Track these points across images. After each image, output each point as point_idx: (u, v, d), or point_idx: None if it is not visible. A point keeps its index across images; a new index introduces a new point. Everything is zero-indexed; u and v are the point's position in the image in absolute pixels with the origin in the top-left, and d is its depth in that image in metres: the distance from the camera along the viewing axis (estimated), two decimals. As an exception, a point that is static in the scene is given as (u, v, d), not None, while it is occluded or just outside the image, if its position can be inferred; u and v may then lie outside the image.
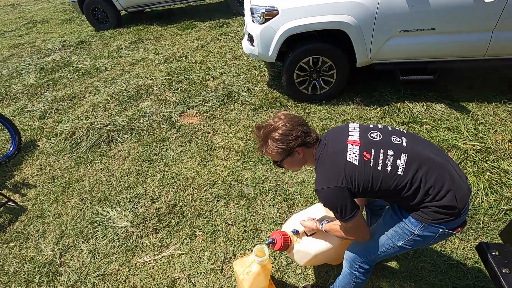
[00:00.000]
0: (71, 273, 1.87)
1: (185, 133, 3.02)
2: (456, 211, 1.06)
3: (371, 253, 1.26)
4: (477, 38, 2.65)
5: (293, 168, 1.29)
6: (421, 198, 1.06)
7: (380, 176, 1.07)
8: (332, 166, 1.12)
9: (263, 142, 1.20)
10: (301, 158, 1.21)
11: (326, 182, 1.10)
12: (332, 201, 1.11)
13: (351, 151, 1.12)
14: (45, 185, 2.57)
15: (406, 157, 1.08)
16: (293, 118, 1.19)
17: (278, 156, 1.20)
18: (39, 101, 3.84)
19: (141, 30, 6.01)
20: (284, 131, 1.14)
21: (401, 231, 1.16)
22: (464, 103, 2.95)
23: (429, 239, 1.13)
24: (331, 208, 1.14)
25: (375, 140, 1.14)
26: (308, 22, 2.71)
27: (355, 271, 1.32)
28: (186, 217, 2.16)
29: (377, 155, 1.09)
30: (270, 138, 1.16)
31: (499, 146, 2.43)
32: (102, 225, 2.16)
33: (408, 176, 1.06)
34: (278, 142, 1.15)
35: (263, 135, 1.19)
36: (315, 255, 1.41)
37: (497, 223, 1.92)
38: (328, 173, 1.11)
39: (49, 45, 5.69)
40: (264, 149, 1.21)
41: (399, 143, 1.13)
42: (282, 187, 2.30)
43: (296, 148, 1.17)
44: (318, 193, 1.13)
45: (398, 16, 2.61)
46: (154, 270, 1.85)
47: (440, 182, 1.05)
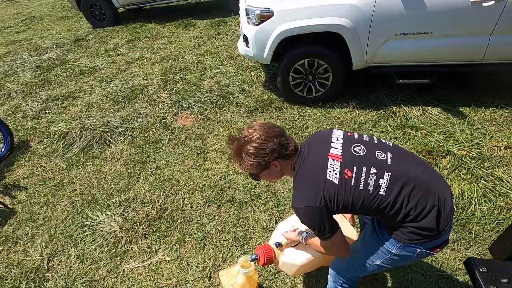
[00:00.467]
0: (58, 278, 1.86)
1: (178, 135, 2.99)
2: (435, 233, 1.03)
3: (352, 270, 1.25)
4: (474, 42, 2.61)
5: (271, 179, 1.24)
6: (401, 218, 1.03)
7: (361, 195, 1.03)
8: (311, 184, 1.06)
9: (236, 156, 1.13)
10: (279, 171, 1.15)
11: (305, 201, 1.05)
12: (309, 220, 1.06)
13: (331, 167, 1.05)
14: (36, 187, 2.55)
15: (389, 176, 1.03)
16: (269, 129, 1.11)
17: (253, 170, 1.14)
18: (34, 100, 3.81)
19: (138, 28, 5.97)
20: (259, 144, 1.07)
21: (379, 249, 1.14)
22: (461, 107, 2.92)
23: (407, 259, 1.11)
24: (309, 226, 1.10)
25: (358, 155, 1.08)
26: (303, 24, 2.68)
27: (339, 286, 1.30)
28: (176, 222, 2.14)
29: (359, 173, 1.04)
30: (244, 152, 1.09)
31: (495, 152, 2.40)
32: (92, 229, 2.14)
33: (391, 196, 1.01)
34: (253, 156, 1.08)
35: (236, 148, 1.11)
36: (301, 265, 1.39)
37: (489, 232, 1.89)
38: (306, 191, 1.06)
39: (46, 42, 5.65)
40: (238, 162, 1.14)
41: (383, 160, 1.07)
42: (274, 192, 2.28)
43: (273, 162, 1.10)
44: (296, 210, 1.09)
45: (394, 19, 2.57)
46: (141, 277, 1.84)
47: (422, 203, 1.01)
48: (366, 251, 1.20)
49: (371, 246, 1.18)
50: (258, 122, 1.14)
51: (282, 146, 1.10)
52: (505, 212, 1.98)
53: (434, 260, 1.78)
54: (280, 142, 1.09)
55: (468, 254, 1.78)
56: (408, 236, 1.04)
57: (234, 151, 1.13)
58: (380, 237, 1.13)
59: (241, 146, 1.10)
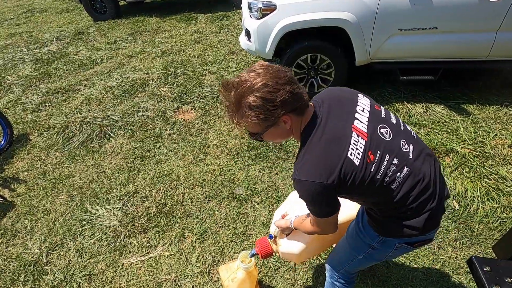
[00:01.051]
0: (57, 272, 1.85)
1: (178, 129, 2.97)
2: (418, 233, 0.98)
3: (342, 265, 1.24)
4: (480, 39, 2.57)
5: (275, 140, 1.01)
6: (396, 214, 0.98)
7: (374, 184, 0.90)
8: (327, 157, 0.87)
9: (234, 109, 0.87)
10: (288, 129, 0.91)
11: (313, 175, 0.87)
12: (311, 196, 0.90)
13: (354, 144, 0.87)
14: (35, 180, 2.54)
15: (407, 172, 0.93)
16: (277, 73, 0.85)
17: (256, 128, 0.89)
18: (34, 93, 3.78)
19: (139, 21, 5.91)
20: (266, 93, 0.82)
21: (360, 243, 1.12)
22: (465, 105, 2.88)
23: (386, 252, 1.10)
24: (308, 202, 0.94)
25: (384, 140, 0.92)
26: (306, 19, 2.63)
27: (336, 281, 1.30)
28: (175, 217, 2.13)
29: (382, 160, 0.89)
30: (245, 105, 0.83)
31: (498, 151, 2.37)
32: (91, 223, 2.13)
33: (400, 193, 0.93)
34: (257, 110, 0.83)
35: (235, 99, 0.84)
36: (299, 254, 1.33)
37: (492, 231, 1.87)
38: (318, 164, 0.87)
39: (46, 35, 5.61)
40: (236, 118, 0.88)
41: (406, 152, 0.95)
42: (275, 188, 2.26)
43: (283, 117, 0.87)
44: (297, 183, 0.90)
45: (399, 14, 2.52)
46: (140, 271, 1.83)
47: (423, 205, 0.96)
48: (349, 245, 1.19)
49: (354, 240, 1.16)
50: (262, 64, 0.88)
51: (295, 96, 0.86)
52: (508, 211, 1.96)
53: (435, 259, 1.76)
54: (292, 91, 0.85)
55: (470, 253, 1.76)
56: (391, 230, 1.02)
57: (231, 103, 0.86)
58: (362, 230, 1.11)
59: (241, 97, 0.83)
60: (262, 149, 2.62)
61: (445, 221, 1.94)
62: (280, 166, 2.44)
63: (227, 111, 0.90)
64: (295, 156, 2.51)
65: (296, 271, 1.75)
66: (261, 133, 0.92)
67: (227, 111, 0.90)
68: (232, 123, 0.92)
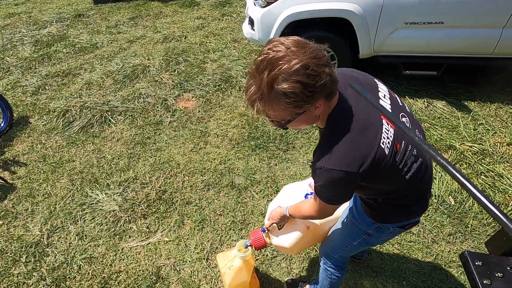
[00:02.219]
0: (58, 254, 1.88)
1: (179, 117, 2.96)
2: (412, 217, 1.05)
3: (336, 251, 1.27)
4: (486, 35, 2.54)
5: (298, 127, 0.90)
6: (397, 202, 1.00)
7: (395, 173, 0.88)
8: (359, 146, 0.81)
9: (263, 94, 0.73)
10: (316, 115, 0.82)
11: (344, 164, 0.79)
12: (335, 185, 0.84)
13: (386, 133, 0.83)
14: (35, 163, 2.55)
15: (420, 163, 0.93)
16: (316, 52, 0.72)
17: (285, 115, 0.78)
18: (33, 76, 3.75)
19: (141, 5, 5.79)
20: (306, 78, 0.69)
21: (356, 230, 1.15)
22: (466, 101, 2.88)
23: (380, 237, 1.14)
24: (326, 188, 0.87)
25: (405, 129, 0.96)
26: (311, 9, 2.60)
27: (329, 267, 1.35)
28: (175, 204, 2.15)
29: (405, 150, 0.87)
30: (279, 90, 0.70)
31: (497, 148, 2.39)
32: (91, 207, 2.15)
33: (410, 182, 0.92)
34: (294, 97, 0.71)
35: (268, 81, 0.71)
36: (291, 247, 1.35)
37: (485, 227, 1.91)
38: (350, 154, 0.81)
39: (46, 16, 5.51)
40: (263, 104, 0.75)
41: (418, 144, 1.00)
42: (274, 179, 2.28)
43: (318, 102, 0.76)
44: (324, 171, 0.81)
45: (405, 7, 2.49)
46: (140, 255, 1.86)
47: (425, 193, 1.02)
48: (344, 232, 1.22)
49: (349, 227, 1.19)
50: (297, 40, 0.74)
51: (333, 80, 0.75)
52: (502, 208, 1.99)
53: (429, 252, 1.81)
54: (331, 74, 0.74)
55: (463, 248, 1.81)
56: (389, 217, 1.05)
57: (262, 87, 0.72)
58: (357, 218, 1.13)
59: (274, 80, 0.70)
60: (262, 139, 2.63)
61: (440, 216, 1.98)
62: (280, 157, 2.46)
63: (252, 97, 0.75)
64: (295, 147, 2.53)
65: (292, 260, 1.79)
66: (289, 121, 0.80)
67: (252, 97, 0.75)
68: (256, 111, 0.77)
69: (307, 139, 2.61)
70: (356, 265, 1.75)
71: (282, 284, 1.69)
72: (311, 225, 1.28)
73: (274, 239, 1.35)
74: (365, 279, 1.69)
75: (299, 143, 2.58)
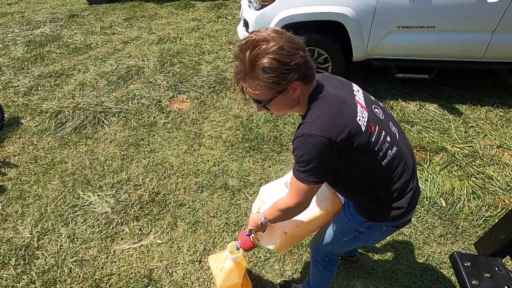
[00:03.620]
0: (48, 257, 1.86)
1: (173, 119, 2.95)
2: (404, 213, 1.05)
3: (325, 246, 1.28)
4: (476, 39, 2.59)
5: (281, 111, 0.98)
6: (382, 195, 1.02)
7: (372, 155, 0.93)
8: (338, 116, 0.87)
9: (246, 72, 0.86)
10: (295, 98, 0.92)
11: (324, 131, 0.85)
12: (314, 153, 0.86)
13: (361, 113, 0.90)
14: (26, 165, 2.52)
15: (395, 151, 0.98)
16: (291, 38, 0.85)
17: (266, 93, 0.88)
18: (25, 76, 3.71)
19: (136, 6, 5.78)
20: (282, 56, 0.81)
21: (347, 227, 1.16)
22: (457, 104, 2.93)
23: (373, 236, 1.15)
24: (305, 161, 0.88)
25: (378, 117, 0.98)
26: (305, 12, 2.62)
27: (318, 262, 1.36)
28: (168, 206, 2.14)
29: (380, 134, 0.94)
30: (258, 67, 0.83)
31: (487, 151, 2.43)
32: (83, 209, 2.13)
33: (388, 170, 0.98)
34: (270, 73, 0.82)
35: (250, 59, 0.83)
36: (276, 247, 1.32)
37: (476, 229, 1.93)
38: (330, 121, 0.86)
39: (39, 16, 5.46)
40: (246, 81, 0.87)
41: (394, 133, 1.02)
42: (268, 180, 2.28)
43: (294, 83, 0.87)
44: (305, 138, 0.86)
45: (398, 12, 2.52)
46: (132, 258, 1.85)
47: (406, 185, 1.02)
48: (335, 228, 1.22)
49: (340, 224, 1.20)
50: (275, 29, 0.87)
51: (307, 64, 0.87)
52: (492, 210, 2.02)
53: (420, 253, 1.82)
54: (305, 57, 0.86)
55: (454, 249, 1.83)
56: (379, 215, 1.06)
57: (245, 65, 0.85)
58: (349, 216, 1.14)
59: (255, 58, 0.83)
60: (256, 141, 2.63)
61: (431, 217, 2.00)
62: (273, 159, 2.47)
63: (237, 77, 0.89)
64: (288, 149, 2.54)
65: (285, 261, 1.80)
66: (270, 100, 0.90)
67: (237, 77, 0.89)
68: (241, 91, 0.90)
69: (301, 141, 2.62)
70: (349, 266, 1.76)
71: (275, 286, 1.69)
72: (288, 231, 1.24)
73: (260, 241, 1.35)
74: (357, 280, 1.70)
75: (293, 145, 2.58)
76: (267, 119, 2.87)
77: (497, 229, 1.32)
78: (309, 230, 1.29)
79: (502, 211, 1.98)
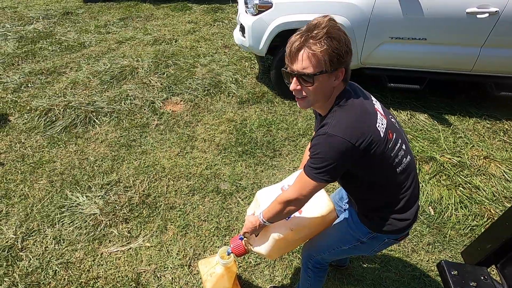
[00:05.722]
0: (32, 258, 1.81)
1: (166, 120, 2.93)
2: (408, 225, 1.07)
3: (321, 252, 1.28)
4: (465, 53, 2.67)
5: (316, 96, 0.97)
6: (388, 205, 1.04)
7: (387, 161, 0.97)
8: (361, 122, 0.93)
9: (317, 35, 0.87)
10: (332, 88, 0.96)
11: (346, 134, 0.89)
12: (331, 153, 0.90)
13: (380, 121, 0.95)
14: (13, 163, 2.45)
15: (409, 160, 1.03)
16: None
17: (321, 65, 0.89)
18: (15, 73, 3.63)
19: (132, 6, 5.75)
20: (346, 39, 0.89)
21: (349, 236, 1.17)
22: (447, 115, 3.00)
23: (373, 247, 1.16)
24: (320, 159, 0.92)
25: (395, 126, 1.04)
26: (301, 19, 2.65)
27: (309, 269, 1.35)
28: (158, 208, 2.12)
29: (396, 141, 0.99)
30: (330, 33, 0.86)
31: (474, 161, 2.49)
32: (70, 210, 2.08)
33: (401, 178, 1.01)
34: (336, 44, 0.87)
35: (328, 26, 0.88)
36: (268, 253, 1.32)
37: (462, 237, 1.97)
38: (351, 124, 0.92)
39: (32, 12, 5.37)
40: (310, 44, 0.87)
41: (407, 144, 1.07)
42: (260, 185, 2.29)
43: (343, 67, 0.92)
44: (327, 137, 0.90)
45: (391, 23, 2.58)
46: (120, 261, 1.81)
47: (413, 198, 1.06)
48: (336, 236, 1.23)
49: (342, 232, 1.20)
50: None
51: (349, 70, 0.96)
52: (478, 219, 2.06)
53: (408, 261, 1.84)
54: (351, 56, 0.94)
55: (441, 257, 1.85)
56: (384, 226, 1.06)
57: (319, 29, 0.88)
58: (353, 226, 1.15)
59: (332, 27, 0.88)
60: (249, 145, 2.63)
61: (420, 225, 2.03)
62: (266, 163, 2.47)
63: (307, 36, 0.88)
64: (281, 154, 2.55)
65: (275, 267, 1.79)
66: (319, 73, 0.90)
67: (307, 36, 0.88)
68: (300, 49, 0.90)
69: (294, 147, 2.64)
70: (338, 273, 1.76)
71: (265, 292, 1.69)
72: (282, 234, 1.24)
73: (253, 246, 1.34)
74: (346, 287, 1.71)
75: (285, 150, 2.60)
76: (261, 124, 2.87)
77: (483, 239, 1.34)
78: (301, 236, 1.30)
79: (488, 221, 2.03)
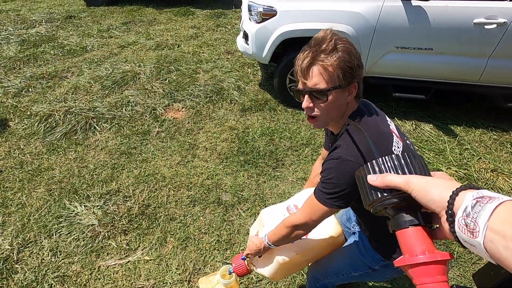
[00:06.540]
0: (28, 271, 1.76)
1: (168, 128, 2.89)
2: None
3: (329, 276, 1.23)
4: (472, 63, 2.62)
5: (330, 114, 0.92)
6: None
7: None
8: (376, 143, 0.84)
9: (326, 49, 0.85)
10: (345, 104, 0.91)
11: (360, 157, 0.84)
12: (344, 179, 0.85)
13: (396, 144, 0.90)
14: (11, 170, 2.41)
15: None
16: None
17: (334, 80, 0.86)
18: (16, 77, 3.61)
19: (135, 11, 5.76)
20: (357, 53, 0.86)
21: (360, 263, 1.12)
22: (452, 126, 2.95)
23: (385, 275, 1.11)
24: (332, 184, 0.88)
25: (411, 149, 0.98)
26: (305, 28, 2.62)
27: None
28: (158, 220, 2.07)
29: None
30: (342, 49, 0.84)
31: (482, 174, 2.43)
32: (68, 221, 2.04)
33: None
34: (348, 57, 0.83)
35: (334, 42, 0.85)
36: (271, 276, 1.26)
37: (471, 254, 1.91)
38: (367, 147, 0.87)
39: (35, 15, 5.38)
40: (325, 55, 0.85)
41: None
42: (262, 197, 2.24)
43: (355, 82, 0.88)
44: (340, 161, 0.86)
45: (397, 32, 2.54)
46: (117, 275, 1.76)
47: None
48: (346, 261, 1.18)
49: (352, 258, 1.16)
50: None
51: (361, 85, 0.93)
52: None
53: (415, 279, 1.78)
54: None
55: (450, 275, 1.79)
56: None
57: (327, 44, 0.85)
58: (364, 253, 1.11)
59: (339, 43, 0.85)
60: (252, 155, 2.59)
61: (426, 241, 1.97)
62: (268, 174, 2.42)
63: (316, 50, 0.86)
64: (284, 164, 2.50)
65: (277, 284, 1.73)
66: (333, 88, 0.87)
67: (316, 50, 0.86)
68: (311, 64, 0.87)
69: (297, 157, 2.59)
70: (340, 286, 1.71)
71: (266, 310, 1.63)
72: (287, 257, 1.18)
73: (256, 267, 1.29)
74: (351, 307, 1.65)
75: (288, 161, 2.55)
76: (263, 132, 2.83)
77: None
78: (308, 259, 1.24)
79: (497, 237, 1.97)
